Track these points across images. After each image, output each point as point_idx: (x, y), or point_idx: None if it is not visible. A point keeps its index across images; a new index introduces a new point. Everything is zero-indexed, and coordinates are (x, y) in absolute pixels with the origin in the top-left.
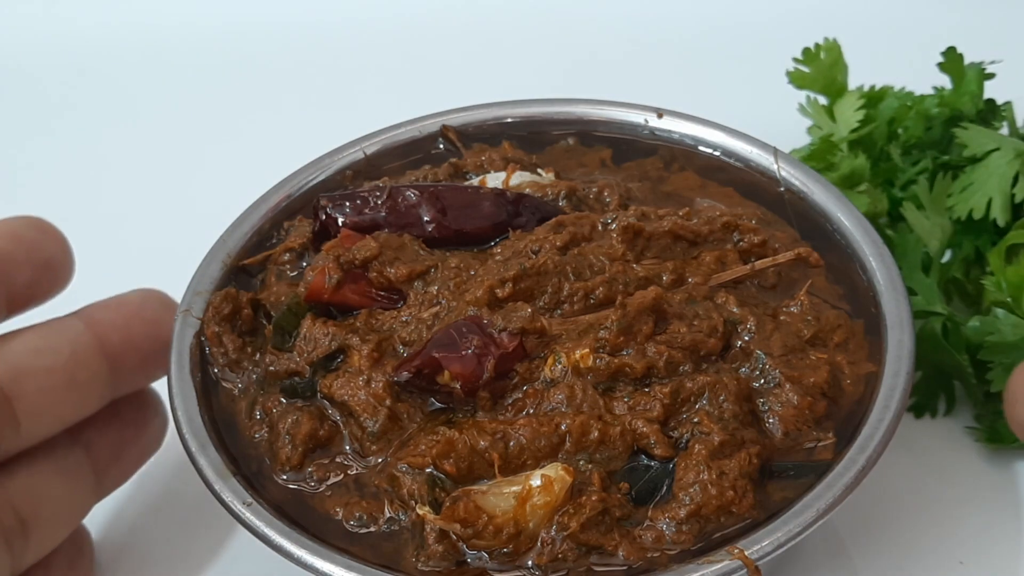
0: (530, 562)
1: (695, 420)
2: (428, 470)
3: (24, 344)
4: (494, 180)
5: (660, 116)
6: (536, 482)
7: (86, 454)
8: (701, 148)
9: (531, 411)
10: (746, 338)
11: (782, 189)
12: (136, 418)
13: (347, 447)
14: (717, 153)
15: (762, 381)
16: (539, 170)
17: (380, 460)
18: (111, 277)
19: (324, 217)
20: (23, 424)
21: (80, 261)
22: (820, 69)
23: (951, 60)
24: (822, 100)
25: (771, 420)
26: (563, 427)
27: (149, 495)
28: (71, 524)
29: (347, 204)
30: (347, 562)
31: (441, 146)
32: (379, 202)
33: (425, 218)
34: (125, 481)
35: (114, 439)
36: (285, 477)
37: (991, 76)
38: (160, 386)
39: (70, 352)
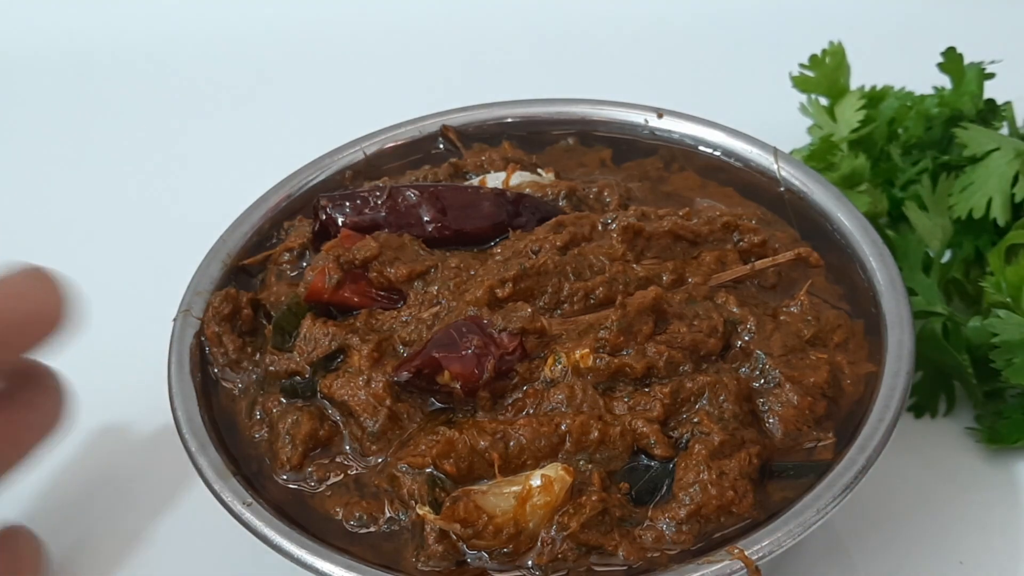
0: (530, 562)
1: (695, 420)
2: (428, 470)
3: None
4: (494, 180)
5: (660, 116)
6: (536, 482)
7: None
8: (701, 148)
9: (531, 411)
10: (746, 338)
11: (782, 189)
12: (31, 399)
13: (347, 447)
14: (717, 153)
15: (762, 381)
16: (539, 170)
17: (380, 460)
18: (111, 277)
19: (324, 217)
20: None
21: (80, 260)
22: (824, 73)
23: (951, 60)
24: (823, 101)
25: (771, 420)
26: (563, 427)
27: (147, 495)
28: None
29: (347, 204)
30: (347, 562)
31: (441, 146)
32: (379, 202)
33: (425, 218)
34: (24, 462)
35: (7, 422)
36: (285, 477)
37: (991, 76)
38: (157, 385)
39: None
